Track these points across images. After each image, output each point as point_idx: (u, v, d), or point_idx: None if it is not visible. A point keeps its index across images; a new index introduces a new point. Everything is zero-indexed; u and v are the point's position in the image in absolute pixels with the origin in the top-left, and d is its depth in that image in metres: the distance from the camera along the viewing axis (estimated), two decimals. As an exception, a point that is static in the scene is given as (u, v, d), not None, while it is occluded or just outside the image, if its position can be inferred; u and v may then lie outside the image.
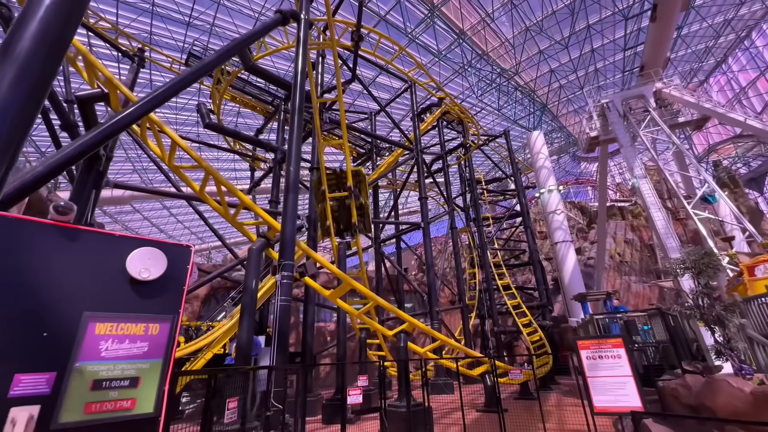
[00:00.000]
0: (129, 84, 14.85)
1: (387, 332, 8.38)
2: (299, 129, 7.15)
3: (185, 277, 2.03)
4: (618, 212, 37.03)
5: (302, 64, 7.72)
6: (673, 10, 16.90)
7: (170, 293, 1.96)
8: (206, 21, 20.69)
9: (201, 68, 6.20)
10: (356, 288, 7.47)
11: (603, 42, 25.09)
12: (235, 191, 7.03)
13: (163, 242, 2.03)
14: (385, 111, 18.02)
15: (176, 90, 5.71)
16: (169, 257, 1.98)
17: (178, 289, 2.00)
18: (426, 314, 17.07)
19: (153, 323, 1.85)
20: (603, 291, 14.74)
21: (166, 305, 1.93)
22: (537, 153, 26.19)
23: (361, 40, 13.32)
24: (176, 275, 2.01)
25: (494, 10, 21.51)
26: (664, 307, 8.55)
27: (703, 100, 13.06)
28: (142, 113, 5.26)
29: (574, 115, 36.55)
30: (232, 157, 34.73)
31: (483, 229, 20.99)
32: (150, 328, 1.84)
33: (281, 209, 7.57)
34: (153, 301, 1.90)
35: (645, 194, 10.18)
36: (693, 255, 4.91)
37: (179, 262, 2.04)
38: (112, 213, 42.55)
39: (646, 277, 28.77)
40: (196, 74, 6.10)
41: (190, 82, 6.01)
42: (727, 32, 24.43)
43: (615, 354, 5.23)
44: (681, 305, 5.54)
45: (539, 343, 16.63)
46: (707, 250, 5.07)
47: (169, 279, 1.96)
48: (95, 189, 8.93)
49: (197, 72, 6.15)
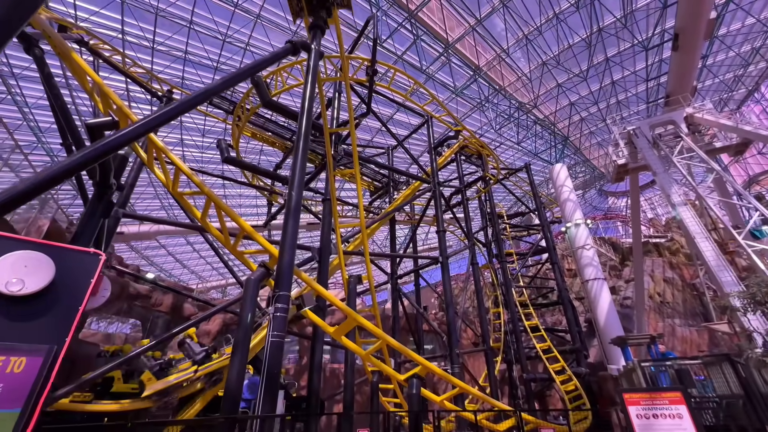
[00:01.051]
0: (155, 122, 15.54)
1: (398, 376, 7.46)
2: (304, 154, 6.89)
3: (84, 294, 1.52)
4: (654, 249, 34.60)
5: (311, 90, 7.65)
6: (697, 38, 16.45)
7: (55, 314, 1.45)
8: (233, 66, 21.99)
9: (206, 92, 6.14)
10: (362, 324, 6.75)
11: (623, 74, 24.77)
12: (236, 218, 6.70)
13: (57, 246, 1.54)
14: (402, 145, 17.97)
15: (177, 112, 5.59)
16: (61, 266, 1.49)
17: (68, 310, 1.48)
18: (446, 357, 15.74)
19: (16, 356, 1.32)
20: (646, 334, 13.12)
21: (44, 331, 1.40)
22: (561, 186, 25.24)
23: (375, 74, 13.52)
24: (70, 290, 1.50)
25: (509, 46, 21.82)
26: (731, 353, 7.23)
27: (741, 122, 12.12)
28: (138, 133, 5.11)
29: (598, 148, 35.66)
30: (254, 194, 35.69)
31: (506, 265, 19.85)
32: (10, 364, 1.31)
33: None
34: (24, 325, 1.38)
35: (688, 223, 9.10)
36: (765, 286, 3.99)
37: (78, 273, 1.54)
38: (140, 248, 43.90)
39: (692, 320, 26.04)
40: (200, 97, 6.03)
41: (192, 105, 5.91)
42: (757, 60, 23.62)
43: (674, 412, 4.20)
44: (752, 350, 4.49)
45: (575, 394, 14.81)
46: None
47: (56, 295, 1.46)
48: (104, 217, 8.90)
49: (202, 95, 6.09)
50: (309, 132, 7.21)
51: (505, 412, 9.41)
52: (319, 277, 11.26)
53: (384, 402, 12.01)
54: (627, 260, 36.06)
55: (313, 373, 9.90)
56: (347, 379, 9.40)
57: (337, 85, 16.18)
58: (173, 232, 34.58)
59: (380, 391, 11.89)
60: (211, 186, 33.56)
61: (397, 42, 22.03)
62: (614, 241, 40.85)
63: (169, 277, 47.92)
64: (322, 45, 10.31)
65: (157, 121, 5.26)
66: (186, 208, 7.19)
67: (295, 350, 21.82)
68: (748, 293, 4.36)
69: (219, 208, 6.67)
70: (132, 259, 44.20)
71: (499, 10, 19.63)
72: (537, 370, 19.25)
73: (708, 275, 24.89)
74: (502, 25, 20.95)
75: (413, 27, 20.15)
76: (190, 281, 51.92)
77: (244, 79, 7.54)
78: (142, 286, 17.25)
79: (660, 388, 5.22)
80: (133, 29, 19.14)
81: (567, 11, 19.98)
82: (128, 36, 19.28)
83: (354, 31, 19.57)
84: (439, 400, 7.75)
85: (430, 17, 20.33)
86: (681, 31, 16.38)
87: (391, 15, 20.05)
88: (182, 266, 49.03)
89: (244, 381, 5.75)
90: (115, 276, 16.01)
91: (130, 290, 16.64)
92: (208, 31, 19.76)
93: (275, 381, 4.83)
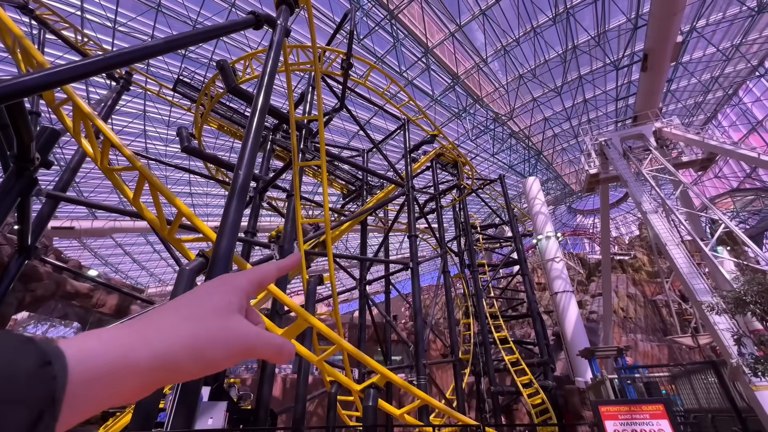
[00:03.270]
0: (107, 103, 14.28)
1: (354, 386, 6.70)
2: (257, 132, 6.14)
3: None
4: (618, 265, 35.66)
5: (272, 66, 6.95)
6: (664, 60, 17.10)
7: None
8: (202, 55, 20.92)
9: (143, 49, 5.30)
10: (315, 326, 5.98)
11: (595, 92, 25.59)
12: (172, 199, 5.81)
13: None
14: (377, 147, 17.48)
15: (98, 67, 4.73)
16: None
17: None
18: (413, 367, 15.04)
19: None
20: (614, 346, 12.99)
21: None
22: (533, 198, 25.52)
23: (350, 68, 12.99)
24: None
25: (488, 55, 22.01)
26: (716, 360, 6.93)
27: (708, 137, 12.47)
28: (46, 83, 4.23)
29: (569, 165, 36.68)
30: (223, 193, 34.00)
31: (478, 275, 19.57)
32: None
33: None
34: None
35: (660, 230, 9.01)
36: (756, 285, 3.62)
37: None
38: (94, 247, 40.80)
39: (653, 335, 26.74)
40: (133, 54, 5.17)
41: (122, 63, 5.05)
42: (716, 88, 25.03)
43: (655, 428, 3.68)
44: (743, 356, 4.10)
45: (542, 407, 14.44)
46: None
47: None
48: (22, 197, 7.72)
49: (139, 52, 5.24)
50: (266, 109, 6.49)
51: (470, 427, 8.77)
52: (279, 282, 10.37)
53: (343, 415, 11.11)
54: (593, 275, 36.97)
55: (263, 383, 8.94)
56: (299, 390, 8.50)
57: (311, 79, 15.53)
58: (130, 229, 32.28)
59: (340, 404, 11.01)
60: (175, 182, 31.76)
61: (377, 45, 21.76)
62: (581, 257, 41.93)
63: (126, 279, 44.78)
64: (298, 41, 9.69)
65: (68, 74, 4.38)
66: (117, 187, 6.22)
67: (255, 359, 20.44)
68: (732, 294, 4.03)
69: (153, 187, 5.78)
70: (85, 258, 41.06)
71: (478, 19, 19.76)
72: (505, 382, 18.89)
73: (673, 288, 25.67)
74: (482, 36, 21.16)
75: (393, 29, 19.91)
76: (150, 284, 48.78)
77: (192, 44, 6.75)
78: (82, 284, 15.57)
79: (641, 400, 4.80)
80: (93, 6, 17.78)
81: (544, 25, 20.40)
82: (87, 14, 17.89)
83: (333, 29, 19.09)
84: (399, 414, 7.03)
85: (411, 20, 20.19)
86: (650, 52, 16.97)
87: (371, 15, 19.76)
88: (140, 267, 45.98)
89: (163, 389, 4.82)
90: (50, 271, 14.34)
91: (67, 288, 14.95)
92: (177, 16, 18.66)
93: (194, 390, 3.98)
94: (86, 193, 29.33)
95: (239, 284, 0.47)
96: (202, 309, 0.41)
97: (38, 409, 0.28)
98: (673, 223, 10.65)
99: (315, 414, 17.38)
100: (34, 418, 0.27)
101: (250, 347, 0.42)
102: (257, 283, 0.49)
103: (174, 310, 0.41)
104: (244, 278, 0.48)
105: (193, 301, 0.42)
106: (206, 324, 0.40)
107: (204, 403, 7.19)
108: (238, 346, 0.41)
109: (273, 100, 25.38)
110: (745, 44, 21.23)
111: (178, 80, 16.22)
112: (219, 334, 0.40)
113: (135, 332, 0.37)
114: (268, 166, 16.24)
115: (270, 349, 0.44)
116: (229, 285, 0.46)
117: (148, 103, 23.74)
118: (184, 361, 0.38)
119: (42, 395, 0.28)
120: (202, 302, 0.42)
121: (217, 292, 0.44)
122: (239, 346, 0.41)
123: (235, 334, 0.41)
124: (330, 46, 14.17)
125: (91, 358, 0.32)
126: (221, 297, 0.44)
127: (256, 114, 6.24)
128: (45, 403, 0.28)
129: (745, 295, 3.75)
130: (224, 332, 0.41)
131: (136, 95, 22.13)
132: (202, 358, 0.38)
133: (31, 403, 0.27)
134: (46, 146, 8.26)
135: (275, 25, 7.65)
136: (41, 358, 0.29)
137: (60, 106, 6.33)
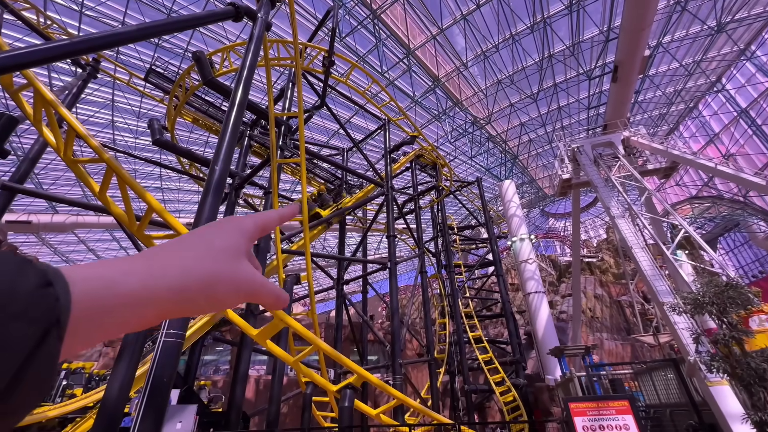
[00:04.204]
0: (72, 90, 13.50)
1: (330, 386, 6.63)
2: (235, 127, 5.97)
3: None
4: (586, 267, 37.12)
5: (251, 59, 6.79)
6: (633, 72, 17.95)
7: None
8: (177, 45, 20.16)
9: (114, 35, 5.04)
10: (290, 326, 5.88)
11: (569, 100, 26.55)
12: (142, 193, 5.56)
13: None
14: (357, 147, 17.42)
15: (67, 51, 4.46)
16: None
17: None
18: (389, 367, 15.09)
19: None
20: (582, 345, 13.52)
21: None
22: (509, 201, 26.15)
23: (331, 66, 12.88)
24: None
25: (468, 60, 22.39)
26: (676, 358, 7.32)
27: (671, 146, 13.26)
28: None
29: (543, 170, 37.88)
30: (196, 189, 32.81)
31: (454, 275, 19.87)
32: None
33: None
34: None
35: (626, 234, 9.51)
36: (713, 287, 3.88)
37: None
38: (54, 243, 38.45)
39: (617, 334, 28.00)
40: (104, 40, 4.91)
41: (88, 49, 4.78)
42: (678, 101, 26.56)
43: (621, 423, 3.85)
44: (699, 354, 4.36)
45: (513, 405, 14.84)
46: (731, 282, 4.08)
47: None
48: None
49: (108, 38, 4.97)
50: (244, 103, 6.32)
51: (444, 425, 8.89)
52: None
53: (318, 416, 10.99)
54: (563, 277, 38.32)
55: (236, 385, 8.71)
56: (273, 391, 8.33)
57: (291, 75, 15.28)
58: (95, 224, 30.58)
59: (315, 405, 10.89)
60: (145, 177, 30.40)
61: (359, 44, 21.67)
62: (553, 259, 43.37)
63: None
64: (279, 36, 9.42)
65: (29, 58, 4.10)
66: (81, 180, 5.89)
67: (226, 361, 19.88)
68: (691, 296, 4.29)
69: (122, 181, 5.50)
70: (43, 255, 38.64)
71: (459, 23, 20.07)
72: (478, 381, 19.27)
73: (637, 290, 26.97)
74: (463, 41, 21.51)
75: (376, 29, 19.90)
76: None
77: (167, 33, 6.48)
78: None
79: (607, 396, 5.02)
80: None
81: (522, 33, 20.97)
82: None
83: (315, 25, 18.86)
84: (375, 414, 7.03)
85: (393, 21, 20.24)
86: (620, 64, 17.78)
87: (354, 14, 19.65)
88: (105, 265, 43.65)
89: (128, 392, 4.61)
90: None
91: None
92: (150, 2, 17.88)
93: (163, 392, 3.81)
94: (46, 185, 27.63)
95: (245, 227, 0.47)
96: (213, 248, 0.42)
97: (42, 327, 0.27)
98: (638, 227, 11.21)
99: (289, 415, 17.11)
100: (38, 336, 0.27)
101: (256, 291, 0.44)
102: (261, 228, 0.50)
103: (188, 246, 0.42)
104: (250, 221, 0.49)
105: (205, 239, 0.43)
106: (220, 264, 0.41)
107: (172, 406, 6.94)
108: (246, 288, 0.43)
109: (252, 95, 24.84)
110: (705, 61, 22.65)
111: (151, 70, 15.55)
112: (232, 275, 0.42)
113: (151, 264, 0.37)
114: (245, 162, 15.85)
115: (271, 295, 0.46)
116: (236, 227, 0.46)
117: (117, 92, 22.63)
118: (198, 296, 0.39)
119: (44, 313, 0.28)
120: (213, 241, 0.43)
121: (226, 233, 0.45)
122: (247, 289, 0.43)
123: (244, 276, 0.43)
124: (312, 43, 14.00)
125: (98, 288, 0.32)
126: (230, 238, 0.45)
127: (234, 108, 6.07)
128: (49, 321, 0.28)
129: (703, 296, 4.01)
130: (236, 274, 0.42)
131: (104, 83, 21.04)
132: (214, 296, 0.40)
133: (34, 319, 0.27)
134: (3, 134, 7.73)
135: (256, 18, 7.48)
136: (42, 278, 0.29)
137: (19, 92, 5.92)
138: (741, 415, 3.95)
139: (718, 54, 22.78)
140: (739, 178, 11.94)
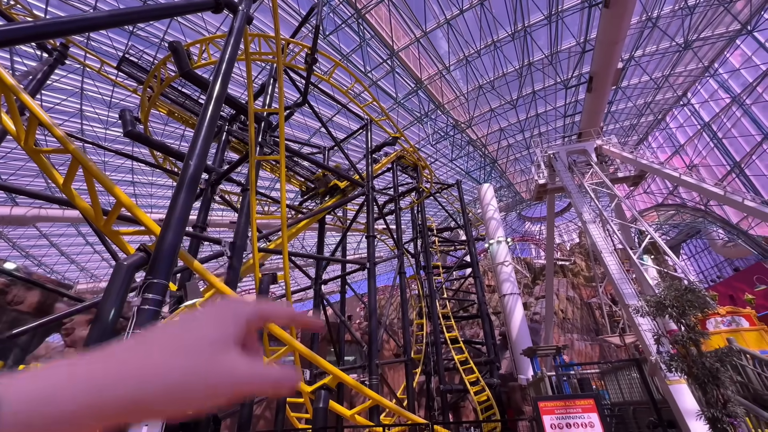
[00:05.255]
0: (36, 76, 12.79)
1: (304, 387, 6.55)
2: (212, 121, 5.81)
3: None
4: (559, 270, 38.35)
5: (231, 52, 6.63)
6: (607, 83, 18.71)
7: None
8: (154, 32, 19.43)
9: (85, 20, 4.80)
10: (266, 327, 5.77)
11: (546, 108, 27.37)
12: (111, 187, 5.32)
13: None
14: (339, 146, 17.30)
15: (31, 33, 4.21)
16: None
17: None
18: (366, 368, 15.06)
19: None
20: (553, 345, 13.96)
21: None
22: (487, 204, 26.70)
23: (314, 63, 12.75)
24: None
25: (451, 64, 22.69)
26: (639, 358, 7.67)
27: (640, 156, 13.96)
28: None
29: (521, 175, 38.85)
30: (170, 183, 31.67)
31: (433, 277, 20.08)
32: None
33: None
34: None
35: (597, 239, 9.95)
36: (673, 291, 4.10)
37: None
38: (13, 237, 36.24)
39: (587, 335, 29.06)
40: (73, 25, 4.66)
41: (56, 33, 4.54)
42: (647, 113, 27.88)
43: (586, 421, 3.99)
44: (661, 354, 4.60)
45: (487, 404, 15.13)
46: (690, 286, 4.32)
47: None
48: None
49: (77, 23, 4.73)
50: (222, 98, 6.17)
51: (419, 425, 8.96)
52: (230, 275, 9.88)
53: (292, 418, 10.84)
54: (538, 279, 39.45)
55: (207, 386, 8.44)
56: (247, 393, 8.11)
57: (272, 71, 15.01)
58: (58, 218, 29.01)
59: (289, 406, 10.73)
60: (115, 170, 29.12)
61: (343, 43, 21.57)
62: (528, 262, 44.55)
63: (50, 273, 40.24)
64: (261, 30, 9.20)
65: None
66: (44, 171, 5.57)
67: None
68: (654, 299, 4.53)
69: (88, 173, 5.25)
70: (1, 249, 36.39)
71: (443, 27, 20.32)
72: (454, 381, 19.53)
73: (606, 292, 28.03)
74: (446, 45, 21.79)
75: (360, 28, 19.86)
76: (80, 279, 44.19)
77: (142, 21, 6.24)
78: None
79: (574, 395, 5.21)
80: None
81: (504, 40, 21.46)
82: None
83: (298, 21, 18.62)
84: (350, 414, 7.00)
85: (378, 21, 20.26)
86: (595, 75, 18.49)
87: (339, 12, 19.54)
88: (69, 261, 41.60)
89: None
90: (-45, 263, 12.51)
91: (-24, 282, 13.15)
92: (126, -12, 17.16)
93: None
94: (5, 175, 26.03)
95: (243, 314, 0.41)
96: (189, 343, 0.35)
97: None
98: (608, 232, 11.69)
99: (262, 417, 16.78)
100: None
101: (241, 386, 0.36)
102: (264, 318, 0.43)
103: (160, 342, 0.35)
104: (252, 308, 0.42)
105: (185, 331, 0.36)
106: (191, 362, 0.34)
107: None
108: (226, 389, 0.35)
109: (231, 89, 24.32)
110: (673, 75, 23.87)
111: (124, 58, 14.90)
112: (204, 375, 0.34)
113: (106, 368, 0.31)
114: (223, 157, 15.43)
115: (265, 384, 0.38)
116: (231, 313, 0.40)
117: (87, 80, 21.58)
118: (159, 406, 0.32)
119: None
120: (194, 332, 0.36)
121: (214, 321, 0.38)
122: (226, 390, 0.35)
123: (222, 371, 0.35)
124: (295, 39, 13.81)
125: (31, 409, 0.27)
126: (218, 328, 0.38)
127: (211, 102, 5.90)
128: None
129: (665, 299, 4.25)
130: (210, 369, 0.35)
131: (73, 70, 20.04)
132: (181, 401, 0.33)
133: None
134: (-44, 119, 7.22)
135: (236, 11, 7.30)
136: None
137: (-25, 75, 5.54)
138: (696, 412, 4.18)
139: (684, 69, 24.07)
140: (701, 188, 12.67)
